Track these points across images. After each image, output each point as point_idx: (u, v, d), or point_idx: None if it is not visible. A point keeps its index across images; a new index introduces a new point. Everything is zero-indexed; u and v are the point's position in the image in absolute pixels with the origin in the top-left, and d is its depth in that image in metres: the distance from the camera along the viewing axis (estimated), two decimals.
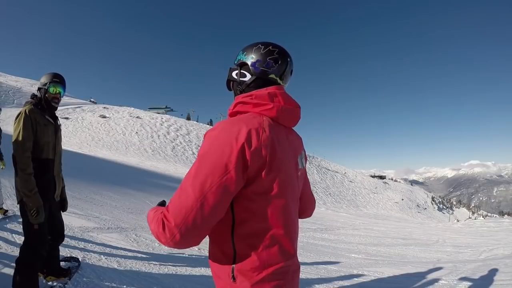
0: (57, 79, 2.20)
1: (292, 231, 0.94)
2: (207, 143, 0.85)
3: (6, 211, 3.93)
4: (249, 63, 0.97)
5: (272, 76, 0.97)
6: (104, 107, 50.95)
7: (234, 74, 1.02)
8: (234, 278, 0.87)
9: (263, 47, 0.97)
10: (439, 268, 4.66)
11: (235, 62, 1.03)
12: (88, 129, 36.81)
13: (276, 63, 0.97)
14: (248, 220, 0.87)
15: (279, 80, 0.99)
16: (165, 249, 3.88)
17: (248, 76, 0.98)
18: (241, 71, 1.00)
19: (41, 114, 2.14)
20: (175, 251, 3.84)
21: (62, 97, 2.29)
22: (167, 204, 1.05)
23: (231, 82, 1.06)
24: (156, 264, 3.21)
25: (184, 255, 3.79)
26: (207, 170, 0.81)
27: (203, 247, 4.01)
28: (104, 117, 43.44)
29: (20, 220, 3.55)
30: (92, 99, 63.25)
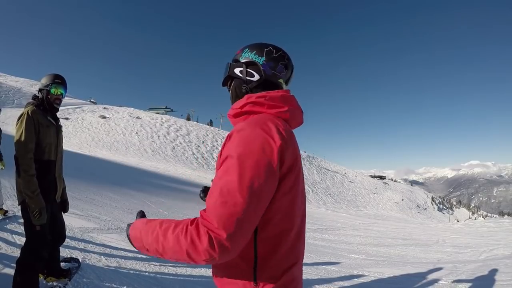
0: (59, 80, 2.21)
1: (303, 230, 0.96)
2: (241, 143, 0.78)
3: (6, 211, 3.93)
4: (260, 63, 0.95)
5: (281, 80, 0.97)
6: (104, 108, 50.94)
7: (237, 71, 0.98)
8: (256, 283, 0.84)
9: (274, 50, 0.96)
10: (439, 269, 4.66)
11: (241, 60, 0.98)
12: (88, 129, 36.80)
13: (286, 68, 0.97)
14: (270, 220, 0.83)
15: (284, 85, 1.00)
16: None
17: (257, 77, 0.95)
18: (248, 70, 0.96)
19: (43, 115, 2.14)
20: None
21: (64, 98, 2.30)
22: (146, 215, 0.96)
23: (231, 79, 1.02)
24: (156, 265, 3.21)
25: None
26: (252, 172, 0.75)
27: None
28: (104, 117, 43.43)
29: (21, 220, 3.55)
30: (92, 100, 63.20)
